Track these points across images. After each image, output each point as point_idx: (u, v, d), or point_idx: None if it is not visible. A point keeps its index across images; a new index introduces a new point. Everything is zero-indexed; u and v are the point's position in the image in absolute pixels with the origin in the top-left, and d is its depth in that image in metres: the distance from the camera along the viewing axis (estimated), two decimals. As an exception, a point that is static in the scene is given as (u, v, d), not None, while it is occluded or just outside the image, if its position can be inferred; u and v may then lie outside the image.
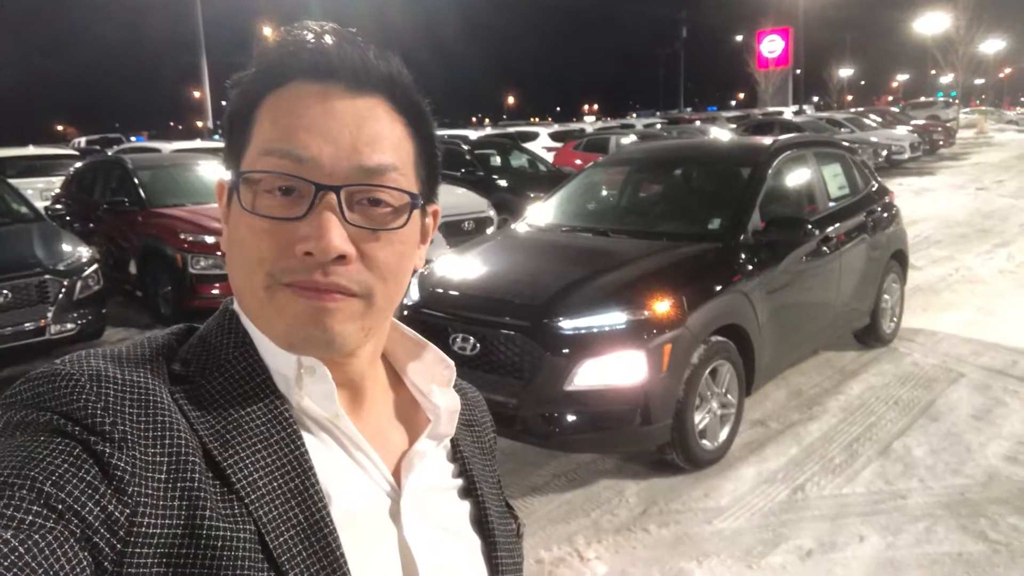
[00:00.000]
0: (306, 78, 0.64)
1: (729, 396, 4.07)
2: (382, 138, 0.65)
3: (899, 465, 3.90)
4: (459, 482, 0.78)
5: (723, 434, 4.06)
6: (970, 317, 6.47)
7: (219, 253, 6.77)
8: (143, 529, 0.54)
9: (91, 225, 8.40)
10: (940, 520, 3.37)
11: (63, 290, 5.75)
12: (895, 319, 5.98)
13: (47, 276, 5.70)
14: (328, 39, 0.65)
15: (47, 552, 0.49)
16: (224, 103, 0.69)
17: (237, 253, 0.65)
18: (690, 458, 3.85)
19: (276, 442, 0.63)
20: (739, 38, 50.31)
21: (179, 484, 0.57)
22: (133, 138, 37.92)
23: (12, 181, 8.03)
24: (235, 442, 0.61)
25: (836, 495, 3.65)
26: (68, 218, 8.97)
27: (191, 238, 6.90)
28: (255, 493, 0.60)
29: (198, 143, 17.74)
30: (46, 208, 8.93)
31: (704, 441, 3.92)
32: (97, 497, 0.53)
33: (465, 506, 0.77)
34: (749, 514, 3.50)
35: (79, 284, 5.89)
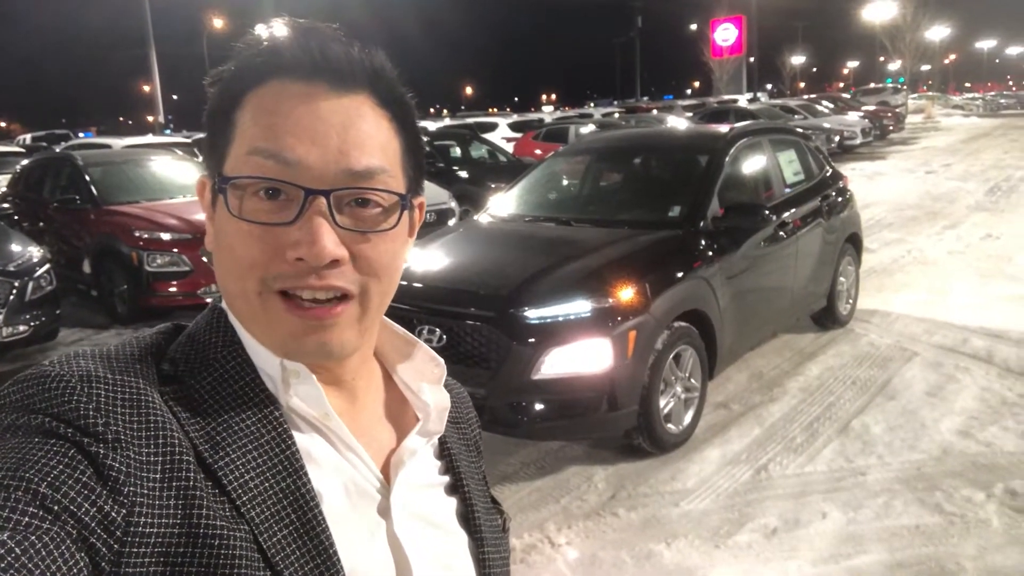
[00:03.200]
0: (289, 76, 0.63)
1: (692, 380, 4.14)
2: (369, 138, 0.64)
3: (858, 443, 4.00)
4: (446, 479, 0.79)
5: (687, 417, 4.13)
6: (922, 297, 6.65)
7: (175, 250, 6.66)
8: (140, 529, 0.54)
9: (41, 224, 8.18)
10: (898, 494, 3.47)
11: (14, 291, 5.60)
12: (851, 301, 6.12)
13: (-4, 277, 5.54)
14: (310, 36, 0.64)
15: (44, 553, 0.49)
16: (175, 96, 0.68)
17: (227, 257, 0.65)
18: (656, 442, 3.90)
19: (267, 443, 0.63)
20: (693, 27, 50.80)
21: (174, 483, 0.57)
22: (81, 134, 36.89)
23: (-44, 180, 7.77)
24: (225, 444, 0.61)
25: (798, 474, 3.73)
26: (16, 217, 8.73)
27: (147, 235, 6.76)
28: (247, 495, 0.60)
29: (150, 138, 17.33)
30: (-8, 208, 8.67)
31: (669, 425, 3.98)
32: (93, 498, 0.53)
33: (452, 502, 0.78)
34: (715, 495, 3.57)
35: (31, 285, 5.74)
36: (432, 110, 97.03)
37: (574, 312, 3.63)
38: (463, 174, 11.58)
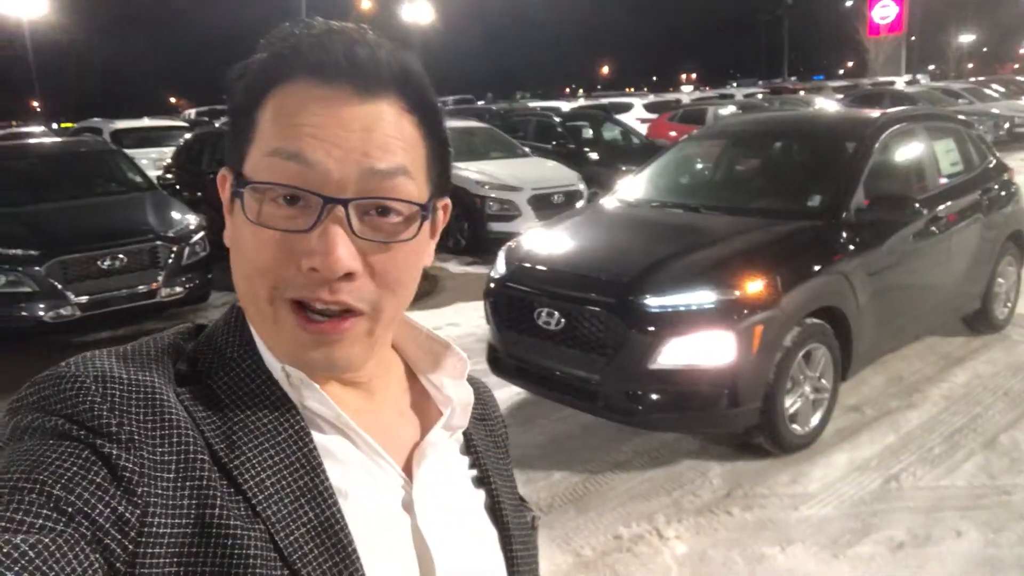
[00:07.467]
0: (311, 76, 0.61)
1: (823, 380, 3.94)
2: (392, 140, 0.62)
3: (1005, 459, 3.69)
4: (473, 473, 0.78)
5: (815, 419, 3.94)
6: (1095, 304, 6.00)
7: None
8: (154, 529, 0.54)
9: (199, 194, 8.83)
10: (1049, 520, 3.17)
11: (172, 255, 6.10)
12: (1009, 304, 5.62)
13: (158, 242, 6.06)
14: (335, 37, 0.62)
15: (58, 555, 0.50)
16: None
17: (240, 259, 0.64)
18: (778, 442, 3.75)
19: (283, 440, 0.63)
20: (849, 3, 47.78)
21: (188, 483, 0.57)
22: (227, 108, 39.19)
23: (128, 152, 8.50)
24: (241, 443, 0.61)
25: (933, 487, 3.49)
26: (177, 187, 9.48)
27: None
28: (263, 493, 0.60)
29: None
30: (158, 177, 9.45)
31: (794, 426, 3.81)
32: (107, 499, 0.53)
33: (479, 497, 0.77)
34: (838, 502, 3.40)
35: (187, 250, 6.23)
36: (567, 89, 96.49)
37: (696, 302, 3.53)
38: (593, 156, 11.49)
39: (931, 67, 59.73)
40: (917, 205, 4.35)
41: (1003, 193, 5.44)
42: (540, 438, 4.08)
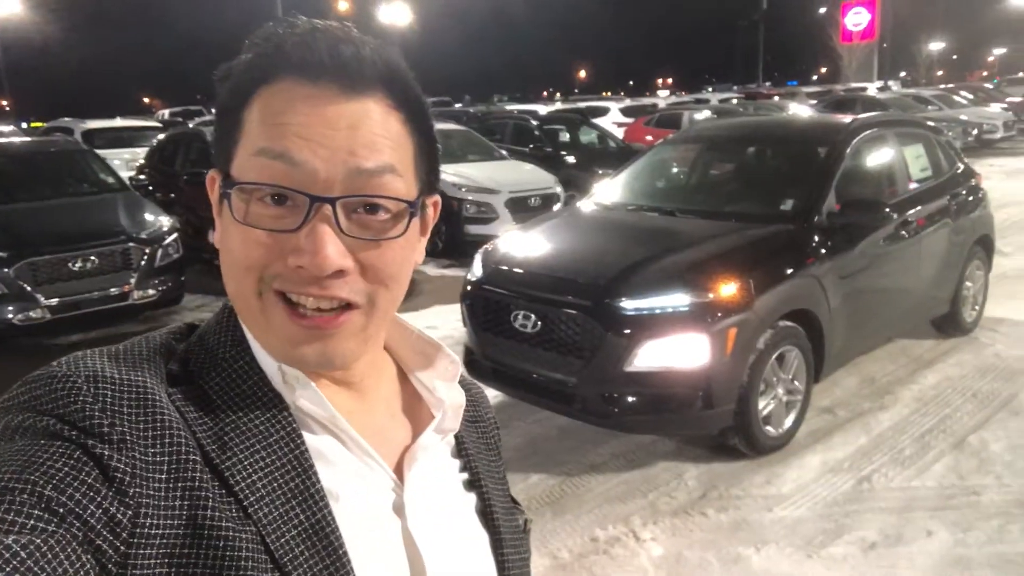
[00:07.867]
0: (296, 75, 0.61)
1: (796, 382, 3.98)
2: (379, 138, 0.62)
3: (974, 460, 3.75)
4: (464, 476, 0.77)
5: (788, 421, 3.98)
6: (1060, 308, 6.13)
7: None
8: (146, 530, 0.54)
9: (172, 195, 8.72)
10: (1016, 519, 3.23)
11: (145, 257, 6.02)
12: (977, 307, 5.72)
13: (131, 244, 5.98)
14: (319, 36, 0.62)
15: (49, 556, 0.49)
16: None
17: (230, 260, 0.64)
18: (752, 444, 3.79)
19: (275, 442, 0.63)
20: (823, 10, 48.39)
21: (180, 484, 0.57)
22: (213, 110, 38.91)
23: (99, 152, 8.37)
24: (233, 444, 0.61)
25: (904, 488, 3.54)
26: (150, 188, 9.35)
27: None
28: (254, 495, 0.60)
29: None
30: (130, 178, 9.32)
31: (768, 427, 3.85)
32: (98, 499, 0.53)
33: (470, 500, 0.77)
34: (812, 503, 3.44)
35: (160, 252, 6.15)
36: (545, 93, 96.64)
37: (672, 305, 3.56)
38: (571, 159, 11.52)
39: (902, 74, 60.63)
40: (887, 209, 4.42)
41: (971, 198, 5.54)
42: (517, 440, 4.08)
